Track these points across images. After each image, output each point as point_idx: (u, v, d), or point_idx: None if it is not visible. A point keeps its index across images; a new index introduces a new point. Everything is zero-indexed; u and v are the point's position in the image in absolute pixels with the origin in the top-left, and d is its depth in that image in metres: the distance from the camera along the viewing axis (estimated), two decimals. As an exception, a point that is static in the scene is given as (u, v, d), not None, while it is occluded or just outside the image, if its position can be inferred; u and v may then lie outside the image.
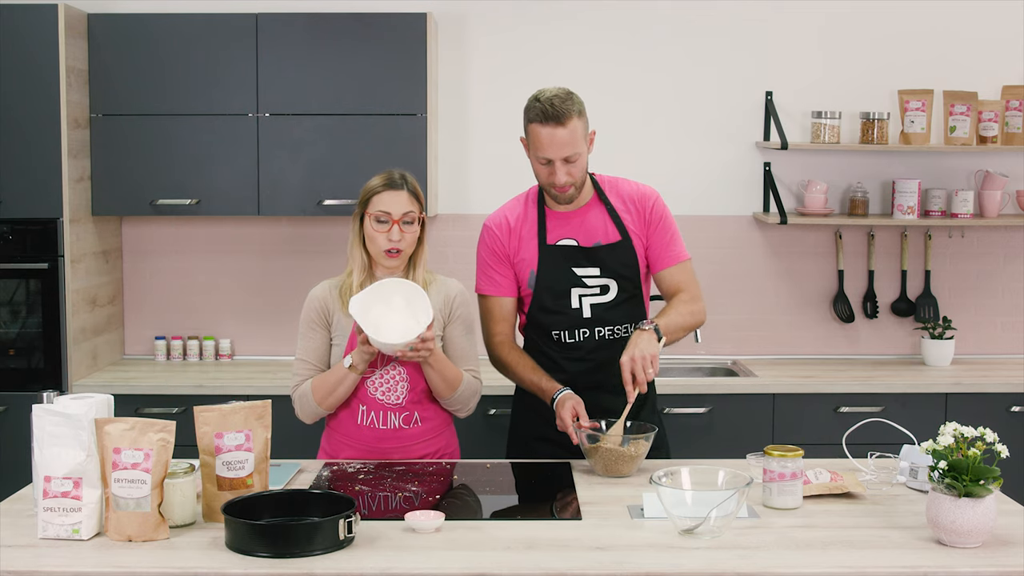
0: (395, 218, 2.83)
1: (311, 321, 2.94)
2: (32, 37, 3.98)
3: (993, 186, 4.43)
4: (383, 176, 2.88)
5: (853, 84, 4.52)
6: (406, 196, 2.85)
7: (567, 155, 2.82)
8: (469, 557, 2.15)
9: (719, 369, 4.53)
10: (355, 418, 2.90)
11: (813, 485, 2.53)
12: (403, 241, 2.84)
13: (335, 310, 2.92)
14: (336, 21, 4.16)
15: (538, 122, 2.81)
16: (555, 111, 2.78)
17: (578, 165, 2.86)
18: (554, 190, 2.89)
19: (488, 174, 4.53)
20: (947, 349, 4.40)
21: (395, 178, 2.87)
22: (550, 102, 2.79)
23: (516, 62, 4.51)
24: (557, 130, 2.79)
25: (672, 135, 4.57)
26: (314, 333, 2.94)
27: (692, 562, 2.12)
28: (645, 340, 2.76)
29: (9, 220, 4.04)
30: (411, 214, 2.85)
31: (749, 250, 4.60)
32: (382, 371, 2.86)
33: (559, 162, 2.82)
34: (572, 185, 2.88)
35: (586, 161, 2.89)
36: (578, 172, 2.87)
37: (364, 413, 2.89)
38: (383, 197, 2.85)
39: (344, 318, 2.90)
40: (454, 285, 2.97)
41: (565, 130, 2.79)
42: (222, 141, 4.20)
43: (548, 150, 2.82)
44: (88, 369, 4.22)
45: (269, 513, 2.29)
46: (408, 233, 2.85)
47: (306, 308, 2.95)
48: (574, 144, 2.81)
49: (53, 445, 2.25)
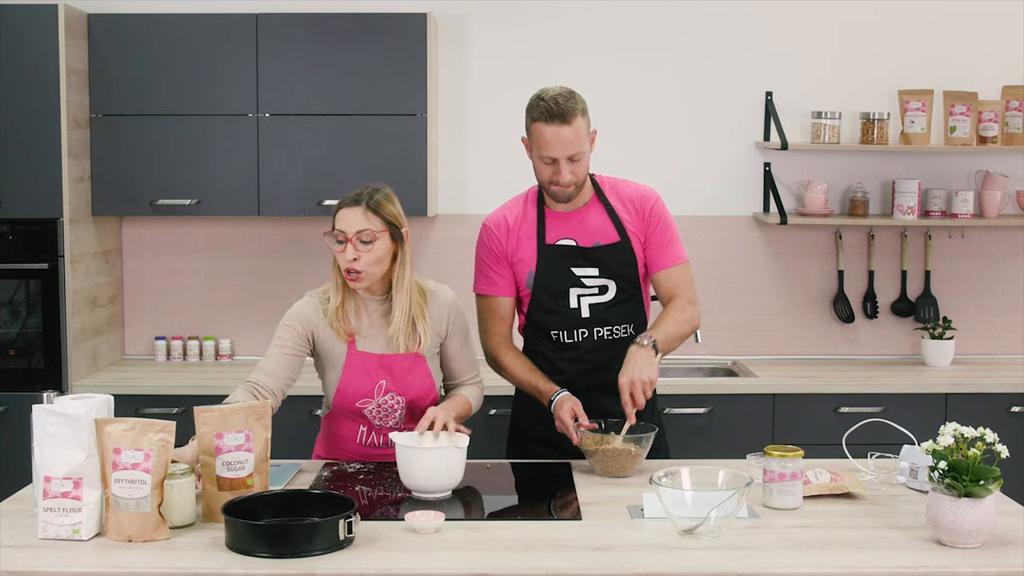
0: (348, 236, 2.67)
1: (290, 339, 2.76)
2: (32, 37, 3.97)
3: (993, 186, 4.43)
4: (346, 195, 2.74)
5: (853, 84, 4.52)
6: (361, 213, 2.68)
7: (572, 153, 2.81)
8: (469, 557, 2.15)
9: (719, 369, 4.53)
10: (355, 436, 2.89)
11: (813, 485, 2.52)
12: (360, 261, 2.67)
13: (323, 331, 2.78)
14: (336, 21, 4.16)
15: (543, 121, 2.79)
16: (560, 109, 2.77)
17: (582, 164, 2.85)
18: (555, 188, 2.88)
19: (488, 174, 4.53)
20: (947, 349, 4.40)
21: (359, 193, 2.72)
22: (555, 100, 2.77)
23: (516, 62, 4.51)
24: (562, 128, 2.78)
25: (672, 135, 4.57)
26: (289, 352, 2.76)
27: (692, 562, 2.12)
28: (643, 358, 2.74)
29: (9, 220, 4.04)
30: (368, 232, 2.67)
31: (749, 250, 4.60)
32: (379, 400, 2.83)
33: (564, 161, 2.81)
34: (575, 184, 2.87)
35: (588, 160, 2.89)
36: (581, 171, 2.87)
37: (364, 434, 2.88)
38: (340, 214, 2.70)
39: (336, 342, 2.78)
40: (446, 295, 2.89)
41: (570, 128, 2.78)
42: (222, 141, 4.20)
43: (553, 149, 2.80)
44: (88, 369, 4.22)
45: (269, 513, 2.29)
46: (364, 252, 2.67)
47: (289, 324, 2.78)
48: (579, 143, 2.81)
49: (53, 445, 2.25)
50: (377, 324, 2.82)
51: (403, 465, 2.54)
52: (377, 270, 2.72)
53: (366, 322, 2.82)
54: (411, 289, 2.78)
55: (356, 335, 2.81)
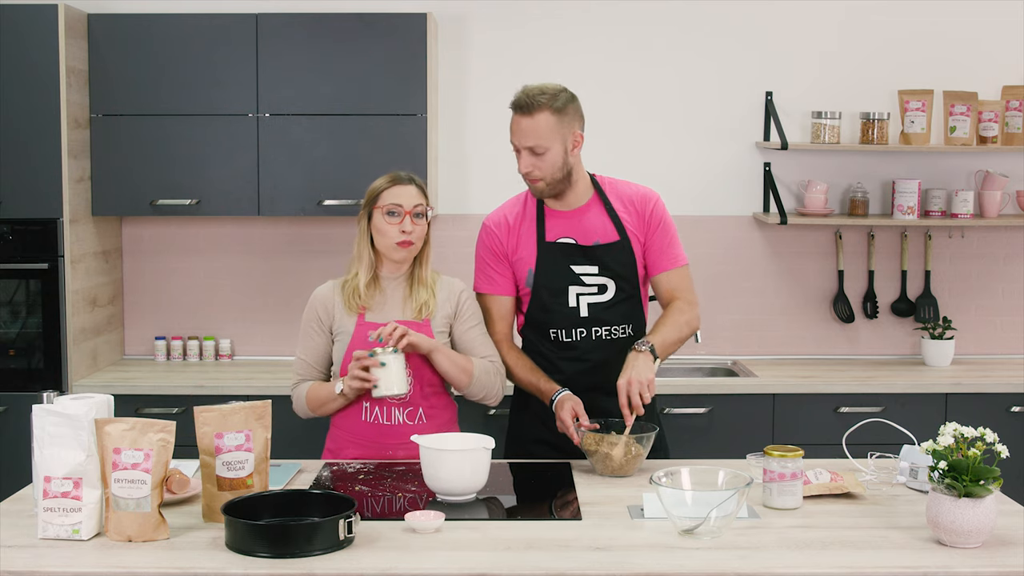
0: (407, 209, 2.89)
1: (312, 322, 2.98)
2: (32, 37, 3.97)
3: (993, 186, 4.43)
4: (389, 176, 2.95)
5: (853, 84, 4.52)
6: (415, 189, 2.93)
7: (530, 145, 2.87)
8: (469, 557, 2.15)
9: (719, 369, 4.53)
10: (359, 414, 2.90)
11: (813, 485, 2.52)
12: (415, 233, 2.90)
13: (337, 309, 2.94)
14: (336, 21, 4.16)
15: (513, 109, 2.91)
16: (526, 101, 2.86)
17: (545, 160, 2.89)
18: (526, 180, 2.95)
19: (488, 174, 4.53)
20: (947, 349, 4.40)
21: (401, 175, 2.95)
22: (526, 92, 2.88)
23: (516, 62, 4.51)
24: (523, 119, 2.87)
25: (672, 135, 4.57)
26: (314, 334, 2.97)
27: (692, 562, 2.12)
28: (642, 363, 2.78)
29: (9, 220, 4.04)
30: (421, 207, 2.91)
31: (749, 250, 4.60)
32: None
33: (524, 151, 2.89)
34: (541, 179, 2.92)
35: (558, 158, 2.89)
36: (545, 166, 2.90)
37: (367, 410, 2.89)
38: (393, 191, 2.91)
39: (347, 317, 2.91)
40: (458, 283, 3.01)
41: (530, 120, 2.86)
42: (222, 141, 4.20)
43: (514, 136, 2.91)
44: (88, 369, 4.22)
45: (269, 513, 2.29)
46: (419, 226, 2.91)
47: (308, 307, 2.99)
48: (537, 135, 2.86)
49: (53, 445, 2.25)
50: (390, 300, 2.94)
51: (427, 467, 2.54)
52: (420, 244, 2.94)
53: (378, 298, 2.94)
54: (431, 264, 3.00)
55: (367, 309, 2.93)
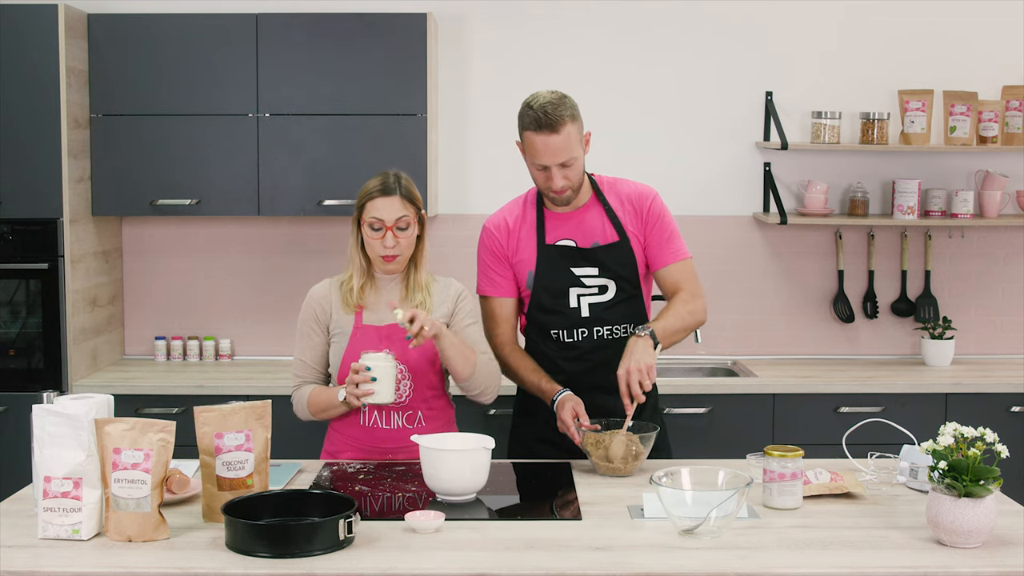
0: (388, 225, 2.83)
1: (309, 322, 2.96)
2: (32, 37, 3.97)
3: (993, 186, 4.43)
4: (378, 179, 2.87)
5: (853, 84, 4.52)
6: (399, 201, 2.84)
7: (563, 160, 2.82)
8: (469, 557, 2.15)
9: (719, 369, 4.53)
10: (358, 418, 2.90)
11: (813, 485, 2.53)
12: (398, 247, 2.85)
13: (335, 308, 2.93)
14: (336, 21, 4.16)
15: (532, 130, 2.81)
16: (548, 119, 2.78)
17: (574, 168, 2.86)
18: (552, 194, 2.90)
19: (488, 175, 4.53)
20: (947, 349, 4.40)
21: (389, 182, 2.86)
22: (543, 109, 2.78)
23: (516, 62, 4.51)
24: (551, 137, 2.79)
25: (672, 135, 4.57)
26: (312, 333, 2.96)
27: (692, 562, 2.12)
28: (641, 349, 2.77)
29: (9, 220, 4.04)
30: (404, 219, 2.84)
31: (749, 250, 4.60)
32: None
33: (555, 168, 2.83)
34: (569, 188, 2.88)
35: (583, 163, 2.90)
36: (575, 175, 2.88)
37: (366, 414, 2.89)
38: (376, 204, 2.84)
39: (344, 316, 2.91)
40: (455, 284, 3.00)
41: (559, 137, 2.79)
42: (222, 141, 4.20)
43: (544, 157, 2.82)
44: (88, 369, 4.22)
45: (269, 513, 2.29)
46: (403, 238, 2.85)
47: (305, 307, 2.97)
48: (569, 149, 2.82)
49: (53, 445, 2.25)
50: (386, 299, 2.92)
51: (427, 467, 2.54)
52: (408, 252, 2.90)
53: (375, 298, 2.93)
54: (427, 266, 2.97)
55: (364, 309, 2.92)
